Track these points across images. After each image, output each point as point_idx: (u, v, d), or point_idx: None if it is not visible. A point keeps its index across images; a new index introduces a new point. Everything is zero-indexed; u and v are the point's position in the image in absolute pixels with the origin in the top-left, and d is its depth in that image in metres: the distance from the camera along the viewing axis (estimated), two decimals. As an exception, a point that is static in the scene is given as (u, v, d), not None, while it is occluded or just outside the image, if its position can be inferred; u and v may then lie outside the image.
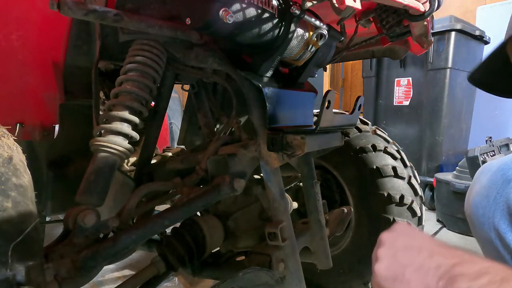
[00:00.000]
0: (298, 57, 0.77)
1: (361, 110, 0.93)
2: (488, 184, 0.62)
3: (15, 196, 0.43)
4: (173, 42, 0.73)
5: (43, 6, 0.84)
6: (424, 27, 0.89)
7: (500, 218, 0.58)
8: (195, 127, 1.33)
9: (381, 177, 1.14)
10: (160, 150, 1.39)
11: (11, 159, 0.45)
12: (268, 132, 0.74)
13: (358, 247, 1.20)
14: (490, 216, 0.60)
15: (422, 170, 2.69)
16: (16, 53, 0.86)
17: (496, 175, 0.61)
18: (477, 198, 0.63)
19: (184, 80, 1.09)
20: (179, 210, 0.73)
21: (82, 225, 0.59)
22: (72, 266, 0.56)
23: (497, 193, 0.59)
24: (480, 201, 0.62)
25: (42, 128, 0.94)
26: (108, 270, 1.59)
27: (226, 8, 0.59)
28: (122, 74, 0.69)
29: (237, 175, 0.78)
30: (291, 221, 0.81)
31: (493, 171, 0.62)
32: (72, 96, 0.89)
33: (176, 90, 3.30)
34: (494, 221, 0.59)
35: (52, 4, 0.52)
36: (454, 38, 2.47)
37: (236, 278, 0.68)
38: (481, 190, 0.63)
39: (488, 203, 0.60)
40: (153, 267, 0.80)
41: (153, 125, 0.92)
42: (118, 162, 0.66)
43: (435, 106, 2.59)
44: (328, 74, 4.16)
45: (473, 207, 0.63)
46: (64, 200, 0.97)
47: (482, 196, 0.62)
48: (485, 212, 0.61)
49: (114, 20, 0.58)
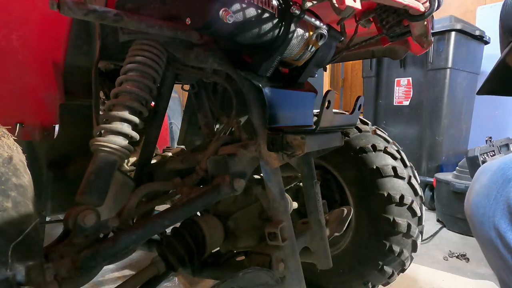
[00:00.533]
0: (298, 57, 0.77)
1: (361, 110, 0.93)
2: (488, 183, 0.62)
3: (15, 196, 0.43)
4: (173, 42, 0.73)
5: (43, 6, 0.84)
6: (424, 27, 0.89)
7: (500, 217, 0.58)
8: (195, 127, 1.33)
9: (381, 177, 1.14)
10: (160, 150, 1.39)
11: (11, 159, 0.45)
12: (268, 132, 0.74)
13: (358, 247, 1.20)
14: (491, 216, 0.59)
15: (422, 170, 2.69)
16: (16, 53, 0.86)
17: (496, 175, 0.60)
18: (477, 198, 0.63)
19: (184, 80, 1.09)
20: (179, 210, 0.73)
21: (82, 225, 0.59)
22: (72, 266, 0.56)
23: (497, 193, 0.59)
24: (480, 200, 0.62)
25: (42, 128, 0.94)
26: (108, 270, 1.59)
27: (226, 8, 0.59)
28: (122, 74, 0.69)
29: (237, 175, 0.78)
30: (291, 221, 0.81)
31: (493, 170, 0.62)
32: (72, 96, 0.89)
33: (176, 90, 3.31)
34: (495, 221, 0.59)
35: (52, 4, 0.52)
36: (454, 38, 2.47)
37: (236, 278, 0.68)
38: (481, 190, 0.63)
39: (488, 203, 0.60)
40: (153, 267, 0.80)
41: (153, 125, 0.92)
42: (118, 162, 0.66)
43: (435, 106, 2.59)
44: (328, 74, 4.16)
45: (473, 207, 0.63)
46: (64, 200, 0.97)
47: (482, 195, 0.62)
48: (485, 211, 0.60)
49: (114, 20, 0.58)
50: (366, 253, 1.18)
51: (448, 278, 1.58)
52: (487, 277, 1.59)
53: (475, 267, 1.70)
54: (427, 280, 1.55)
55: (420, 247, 1.18)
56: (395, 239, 1.12)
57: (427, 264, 1.72)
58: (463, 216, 2.15)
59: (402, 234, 1.12)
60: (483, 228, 0.62)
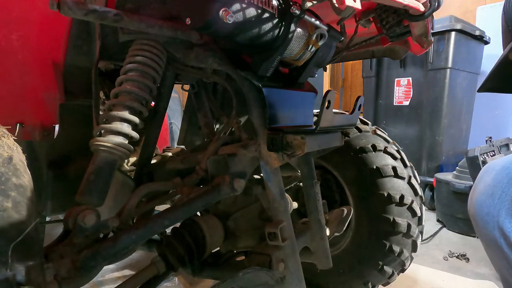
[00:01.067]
0: (298, 57, 0.77)
1: (361, 110, 0.93)
2: (493, 183, 0.61)
3: (15, 196, 0.43)
4: (173, 42, 0.73)
5: (43, 6, 0.84)
6: (424, 27, 0.89)
7: (505, 217, 0.58)
8: (195, 127, 1.33)
9: (381, 177, 1.14)
10: (160, 150, 1.39)
11: (11, 159, 0.45)
12: (268, 132, 0.74)
13: (358, 247, 1.20)
14: (495, 215, 0.59)
15: (422, 170, 2.69)
16: (16, 53, 0.86)
17: (501, 174, 0.60)
18: (482, 197, 0.62)
19: (184, 80, 1.09)
20: (179, 210, 0.73)
21: (82, 225, 0.59)
22: (72, 266, 0.56)
23: (503, 192, 0.58)
24: (485, 200, 0.61)
25: (42, 128, 0.94)
26: (108, 270, 1.59)
27: (226, 8, 0.59)
28: (122, 74, 0.69)
29: (237, 175, 0.78)
30: (291, 221, 0.81)
31: (498, 170, 0.62)
32: (72, 96, 0.89)
33: (176, 90, 3.30)
34: (499, 220, 0.58)
35: (52, 4, 0.52)
36: (454, 38, 2.47)
37: (236, 278, 0.68)
38: (485, 189, 0.62)
39: (493, 202, 0.60)
40: (153, 267, 0.80)
41: (153, 125, 0.92)
42: (118, 162, 0.66)
43: (435, 106, 2.59)
44: (328, 74, 4.16)
45: (477, 206, 0.63)
46: (64, 200, 0.97)
47: (486, 194, 0.61)
48: (489, 210, 0.60)
49: (114, 20, 0.58)
50: (366, 253, 1.18)
51: (448, 278, 1.58)
52: (487, 277, 1.59)
53: (475, 267, 1.70)
54: (427, 280, 1.55)
55: (420, 247, 1.18)
56: (395, 239, 1.12)
57: (427, 264, 1.72)
58: (463, 216, 2.15)
59: (402, 234, 1.12)
60: (487, 228, 0.62)
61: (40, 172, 0.94)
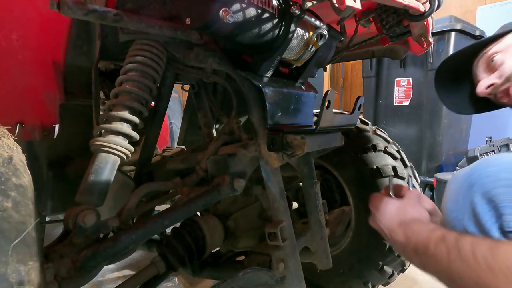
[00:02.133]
0: (298, 57, 0.77)
1: (361, 110, 0.93)
2: (455, 189, 0.66)
3: (15, 196, 0.43)
4: (173, 42, 0.73)
5: (43, 6, 0.84)
6: (424, 27, 0.89)
7: (467, 221, 0.62)
8: (195, 127, 1.33)
9: (381, 177, 1.14)
10: (160, 150, 1.39)
11: (11, 159, 0.45)
12: (268, 132, 0.74)
13: (358, 247, 1.20)
14: (460, 219, 0.63)
15: (422, 170, 2.68)
16: (16, 53, 0.86)
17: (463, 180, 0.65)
18: (449, 204, 0.67)
19: (184, 80, 1.09)
20: (179, 210, 0.73)
21: (82, 225, 0.59)
22: (72, 266, 0.56)
23: (464, 196, 0.63)
24: (451, 206, 0.66)
25: (42, 128, 0.94)
26: (108, 270, 1.59)
27: (226, 8, 0.59)
28: (122, 74, 0.70)
29: (237, 175, 0.78)
30: (291, 221, 0.81)
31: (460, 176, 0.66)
32: (72, 96, 0.89)
33: (176, 90, 3.30)
34: (464, 223, 0.63)
35: (52, 4, 0.52)
36: (454, 38, 2.47)
37: (236, 278, 0.68)
38: (451, 196, 0.67)
39: (457, 207, 0.64)
40: (153, 267, 0.80)
41: (153, 125, 0.92)
42: (118, 162, 0.66)
43: (435, 106, 2.58)
44: (328, 74, 4.16)
45: (448, 213, 0.67)
46: (64, 200, 0.97)
47: (452, 201, 0.66)
48: (456, 215, 0.64)
49: (114, 20, 0.58)
50: (366, 253, 1.18)
51: (448, 278, 1.58)
52: (487, 277, 1.59)
53: (475, 267, 1.70)
54: (427, 280, 1.55)
55: (420, 247, 1.18)
56: (395, 239, 1.12)
57: (427, 264, 1.72)
58: (463, 216, 2.15)
59: (402, 234, 1.11)
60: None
61: (40, 172, 0.94)
